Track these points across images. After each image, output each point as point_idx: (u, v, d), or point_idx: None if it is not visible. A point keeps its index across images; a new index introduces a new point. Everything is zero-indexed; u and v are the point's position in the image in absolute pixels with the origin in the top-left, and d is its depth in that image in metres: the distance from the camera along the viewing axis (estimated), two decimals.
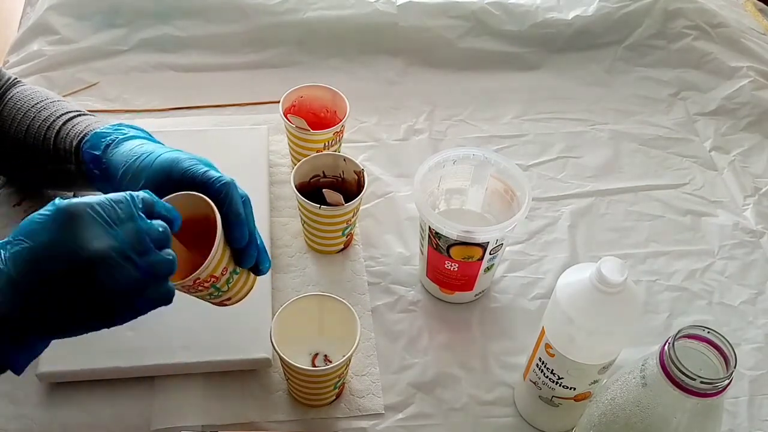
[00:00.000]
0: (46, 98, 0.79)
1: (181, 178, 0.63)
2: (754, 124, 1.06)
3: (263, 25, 1.10)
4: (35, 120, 0.76)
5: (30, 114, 0.76)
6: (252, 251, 0.64)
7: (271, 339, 0.67)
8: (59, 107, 0.77)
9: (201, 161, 0.65)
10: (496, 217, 0.81)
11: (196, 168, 0.63)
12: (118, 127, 0.72)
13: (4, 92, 0.80)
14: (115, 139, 0.70)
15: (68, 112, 0.77)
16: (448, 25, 1.13)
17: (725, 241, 0.91)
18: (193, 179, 0.63)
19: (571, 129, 1.04)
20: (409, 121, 1.03)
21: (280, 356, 0.65)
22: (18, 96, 0.79)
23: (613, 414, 0.54)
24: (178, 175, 0.63)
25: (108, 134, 0.70)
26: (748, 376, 0.77)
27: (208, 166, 0.65)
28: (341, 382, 0.70)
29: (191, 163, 0.64)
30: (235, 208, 0.62)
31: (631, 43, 1.15)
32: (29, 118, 0.76)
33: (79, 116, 0.76)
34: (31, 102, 0.78)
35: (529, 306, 0.82)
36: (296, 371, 0.66)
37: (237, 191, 0.63)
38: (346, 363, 0.67)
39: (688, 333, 0.51)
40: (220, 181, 0.62)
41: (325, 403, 0.72)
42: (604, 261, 0.57)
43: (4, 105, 0.78)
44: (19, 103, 0.78)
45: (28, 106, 0.77)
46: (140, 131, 0.72)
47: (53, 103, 0.78)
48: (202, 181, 0.63)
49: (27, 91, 0.80)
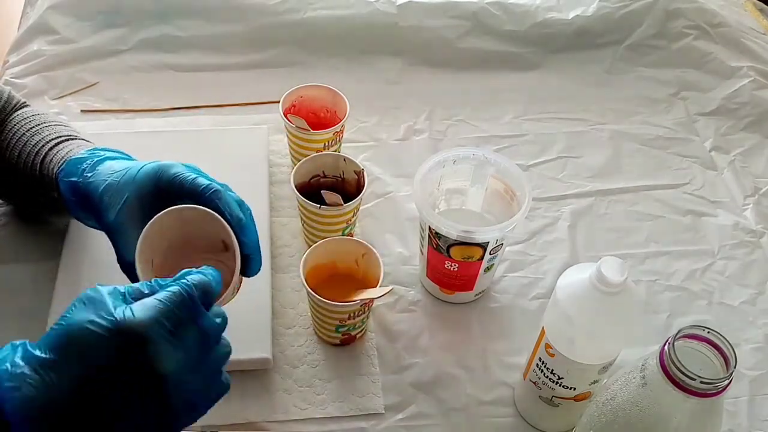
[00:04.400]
0: (43, 122, 0.76)
1: (169, 184, 0.62)
2: (754, 124, 1.06)
3: (263, 25, 1.10)
4: (27, 145, 0.73)
5: (23, 139, 0.74)
6: (258, 256, 0.63)
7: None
8: (51, 132, 0.74)
9: (189, 167, 0.63)
10: (496, 217, 0.81)
11: (185, 175, 0.62)
12: (93, 152, 0.69)
13: (8, 115, 0.78)
14: (91, 162, 0.67)
15: (58, 137, 0.73)
16: (448, 25, 1.13)
17: (725, 241, 0.91)
18: (182, 186, 0.61)
19: (571, 129, 1.04)
20: (409, 121, 1.03)
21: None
22: (17, 119, 0.76)
23: (613, 414, 0.54)
24: (167, 182, 0.62)
25: (83, 159, 0.67)
26: (748, 376, 0.77)
27: (197, 172, 0.63)
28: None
29: (179, 170, 0.62)
30: (236, 215, 0.61)
31: (631, 43, 1.15)
32: (22, 143, 0.73)
33: (66, 140, 0.73)
34: (27, 126, 0.75)
35: (529, 306, 0.82)
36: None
37: (230, 197, 0.61)
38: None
39: (688, 333, 0.51)
40: (209, 189, 0.61)
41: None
42: (604, 261, 0.57)
43: (4, 128, 0.76)
44: (16, 127, 0.75)
45: (23, 131, 0.75)
46: (117, 152, 0.70)
47: (47, 127, 0.75)
48: (191, 188, 0.61)
49: (27, 114, 0.77)
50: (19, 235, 0.83)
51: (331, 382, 0.74)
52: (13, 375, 0.44)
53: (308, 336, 0.77)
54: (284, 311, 0.79)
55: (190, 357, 0.48)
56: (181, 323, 0.48)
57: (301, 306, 0.79)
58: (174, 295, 0.48)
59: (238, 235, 0.60)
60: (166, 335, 0.46)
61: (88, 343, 0.45)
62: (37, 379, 0.44)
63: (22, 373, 0.44)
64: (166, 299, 0.48)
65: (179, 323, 0.47)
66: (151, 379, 0.46)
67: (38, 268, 0.79)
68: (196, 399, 0.50)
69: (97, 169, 0.66)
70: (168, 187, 0.62)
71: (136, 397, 0.46)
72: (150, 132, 0.96)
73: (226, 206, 0.61)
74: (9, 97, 0.78)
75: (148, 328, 0.46)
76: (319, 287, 0.72)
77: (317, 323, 0.75)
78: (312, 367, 0.75)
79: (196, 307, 0.49)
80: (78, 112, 1.00)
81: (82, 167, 0.67)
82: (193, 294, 0.49)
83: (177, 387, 0.47)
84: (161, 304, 0.47)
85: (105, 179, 0.64)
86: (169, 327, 0.47)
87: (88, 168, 0.66)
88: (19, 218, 0.84)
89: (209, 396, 0.51)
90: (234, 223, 0.60)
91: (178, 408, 0.48)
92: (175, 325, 0.47)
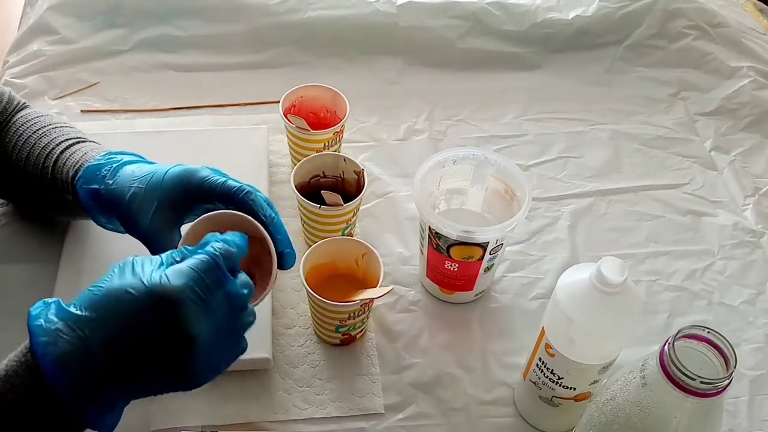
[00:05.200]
0: (49, 124, 0.76)
1: (198, 188, 0.63)
2: (754, 124, 1.06)
3: (263, 25, 1.10)
4: (35, 147, 0.73)
5: (31, 141, 0.74)
6: (291, 250, 0.64)
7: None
8: (59, 134, 0.74)
9: (214, 171, 0.65)
10: (496, 217, 0.81)
11: (214, 179, 0.63)
12: (108, 157, 0.69)
13: (10, 117, 0.78)
14: (110, 169, 0.67)
15: (67, 139, 0.74)
16: (448, 25, 1.13)
17: (725, 241, 0.91)
18: (212, 190, 0.63)
19: (571, 129, 1.04)
20: (409, 121, 1.03)
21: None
22: (21, 121, 0.76)
23: (613, 414, 0.54)
24: (196, 186, 0.63)
25: (101, 165, 0.68)
26: (748, 376, 0.77)
27: (223, 175, 0.64)
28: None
29: (207, 173, 0.64)
30: (268, 214, 0.62)
31: (631, 43, 1.15)
32: (30, 145, 0.74)
33: (77, 143, 0.73)
34: (33, 128, 0.75)
35: (529, 306, 0.82)
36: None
37: (260, 197, 0.63)
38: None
39: (688, 333, 0.51)
40: (242, 191, 0.62)
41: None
42: (604, 261, 0.57)
43: (8, 130, 0.76)
44: (21, 129, 0.75)
45: (30, 132, 0.75)
46: (132, 155, 0.70)
47: (54, 129, 0.75)
48: (222, 192, 0.62)
49: (31, 115, 0.77)
50: (19, 235, 0.82)
51: (331, 382, 0.74)
52: (48, 330, 0.48)
53: (308, 336, 0.77)
54: (284, 311, 0.79)
55: (218, 320, 0.52)
56: (209, 288, 0.51)
57: (301, 306, 0.79)
58: (202, 263, 0.52)
59: (272, 233, 0.62)
60: (197, 300, 0.50)
61: (126, 305, 0.49)
62: (73, 335, 0.48)
63: (56, 329, 0.48)
64: (195, 266, 0.51)
65: (207, 288, 0.51)
66: (182, 341, 0.49)
67: (38, 268, 0.79)
68: (219, 360, 0.54)
69: (118, 174, 0.66)
70: (197, 191, 0.63)
71: (165, 357, 0.50)
72: (150, 132, 0.96)
73: (258, 207, 0.62)
74: (10, 98, 0.78)
75: (180, 293, 0.49)
76: (319, 287, 0.72)
77: (317, 323, 0.75)
78: (312, 367, 0.75)
79: (222, 273, 0.52)
80: (78, 112, 1.00)
81: (101, 174, 0.67)
82: (219, 260, 0.52)
83: (205, 348, 0.51)
84: (192, 271, 0.51)
85: (129, 185, 0.65)
86: (197, 291, 0.50)
87: (109, 174, 0.67)
88: (19, 218, 0.84)
89: (229, 358, 0.55)
90: (267, 222, 0.62)
91: (203, 368, 0.52)
92: (203, 289, 0.51)
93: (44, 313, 0.49)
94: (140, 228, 0.64)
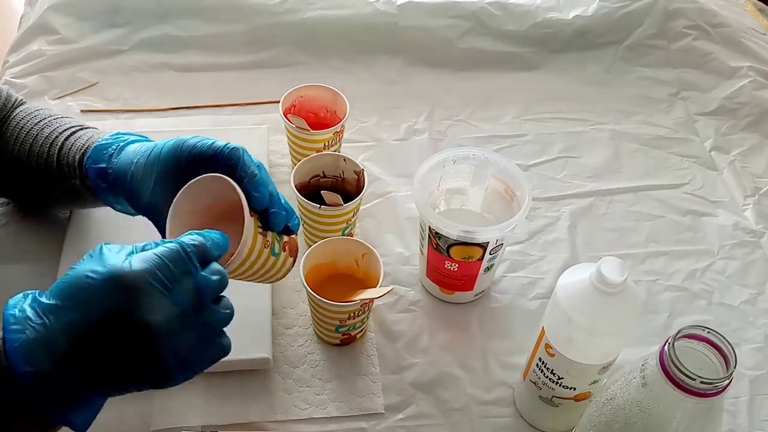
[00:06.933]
0: (49, 116, 0.77)
1: (189, 156, 0.63)
2: (754, 124, 1.06)
3: (263, 25, 1.10)
4: (38, 138, 0.74)
5: (33, 132, 0.74)
6: (279, 209, 0.63)
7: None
8: (61, 123, 0.75)
9: (205, 138, 0.64)
10: (496, 217, 0.81)
11: (203, 142, 0.63)
12: (116, 136, 0.70)
13: (10, 112, 0.78)
14: (117, 147, 0.68)
15: (70, 127, 0.75)
16: (448, 25, 1.13)
17: (725, 241, 0.91)
18: (202, 154, 0.62)
19: (571, 129, 1.04)
20: (409, 121, 1.03)
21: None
22: (21, 115, 0.77)
23: (613, 414, 0.54)
24: (187, 154, 0.63)
25: (108, 144, 0.69)
26: (748, 376, 0.77)
27: (213, 140, 0.64)
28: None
29: (196, 140, 0.63)
30: (250, 171, 0.61)
31: (631, 43, 1.15)
32: (32, 137, 0.74)
33: (80, 130, 0.74)
34: (34, 120, 0.76)
35: (529, 306, 0.82)
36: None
37: (248, 156, 0.62)
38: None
39: (688, 333, 0.51)
40: (228, 147, 0.62)
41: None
42: (604, 261, 0.57)
43: (8, 125, 0.77)
44: (22, 122, 0.76)
45: (31, 125, 0.75)
46: (138, 136, 0.71)
47: (56, 120, 0.76)
48: (211, 152, 0.62)
49: (31, 109, 0.78)
50: (19, 235, 0.83)
51: (331, 382, 0.74)
52: (19, 319, 0.48)
53: (308, 336, 0.77)
54: (284, 311, 0.79)
55: (183, 311, 0.50)
56: (174, 276, 0.49)
57: (301, 306, 0.79)
58: (169, 251, 0.50)
59: (249, 190, 0.60)
60: (159, 287, 0.48)
61: (87, 291, 0.48)
62: (39, 322, 0.48)
63: (26, 317, 0.48)
64: (161, 253, 0.50)
65: (172, 276, 0.49)
66: (144, 330, 0.48)
67: (38, 268, 0.79)
68: (190, 356, 0.51)
69: (123, 152, 0.67)
70: (192, 159, 0.63)
71: (131, 347, 0.48)
72: (150, 132, 0.95)
73: (242, 163, 0.61)
74: (8, 95, 0.79)
75: (140, 278, 0.48)
76: (319, 287, 0.72)
77: (317, 323, 0.75)
78: (312, 367, 0.75)
79: (190, 263, 0.51)
80: (78, 112, 1.00)
81: (108, 152, 0.68)
82: (189, 250, 0.51)
83: (169, 339, 0.49)
84: (156, 258, 0.49)
85: (132, 162, 0.65)
86: (159, 277, 0.49)
87: (115, 153, 0.68)
88: (19, 218, 0.84)
89: (204, 356, 0.52)
90: (247, 181, 0.60)
91: (170, 363, 0.49)
92: (168, 277, 0.49)
93: (20, 303, 0.49)
94: (140, 203, 0.64)
